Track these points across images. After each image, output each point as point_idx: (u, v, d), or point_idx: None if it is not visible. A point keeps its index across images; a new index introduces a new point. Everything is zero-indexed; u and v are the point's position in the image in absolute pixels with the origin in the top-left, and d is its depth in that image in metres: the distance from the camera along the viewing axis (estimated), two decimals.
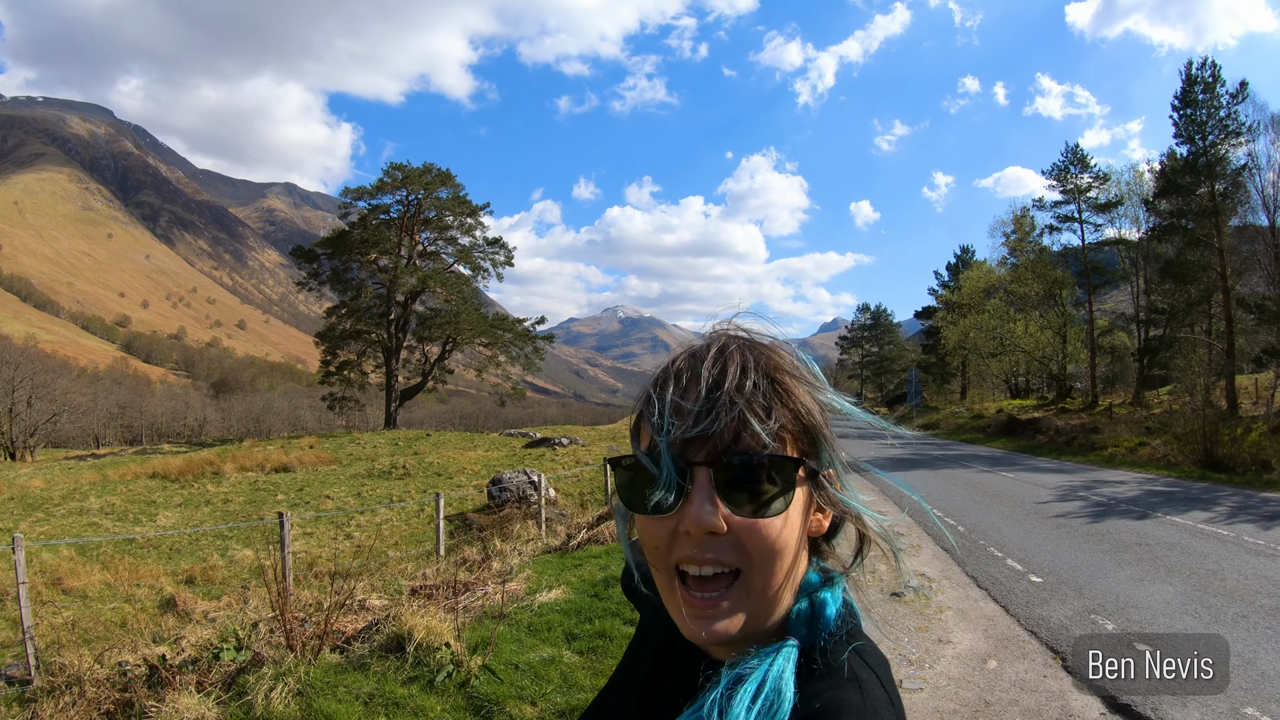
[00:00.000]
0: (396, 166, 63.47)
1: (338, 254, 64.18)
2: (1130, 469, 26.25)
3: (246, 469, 35.35)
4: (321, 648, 7.66)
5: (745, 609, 1.00)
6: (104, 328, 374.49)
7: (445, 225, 66.12)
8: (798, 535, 1.03)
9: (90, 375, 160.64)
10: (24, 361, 71.86)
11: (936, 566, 11.25)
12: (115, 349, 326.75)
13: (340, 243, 63.72)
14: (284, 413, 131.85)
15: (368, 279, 64.58)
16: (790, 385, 1.01)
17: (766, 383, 0.99)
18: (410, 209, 64.40)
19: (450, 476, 32.24)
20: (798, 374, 1.04)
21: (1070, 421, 40.89)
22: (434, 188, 63.53)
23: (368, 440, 48.39)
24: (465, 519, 21.96)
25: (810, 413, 1.01)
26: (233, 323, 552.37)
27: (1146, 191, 48.57)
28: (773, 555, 0.99)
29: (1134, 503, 17.47)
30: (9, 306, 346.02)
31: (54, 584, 17.31)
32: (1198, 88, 40.61)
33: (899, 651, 7.50)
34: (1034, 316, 57.98)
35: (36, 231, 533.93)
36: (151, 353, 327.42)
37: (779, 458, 0.98)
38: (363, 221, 64.01)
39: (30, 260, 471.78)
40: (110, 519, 25.63)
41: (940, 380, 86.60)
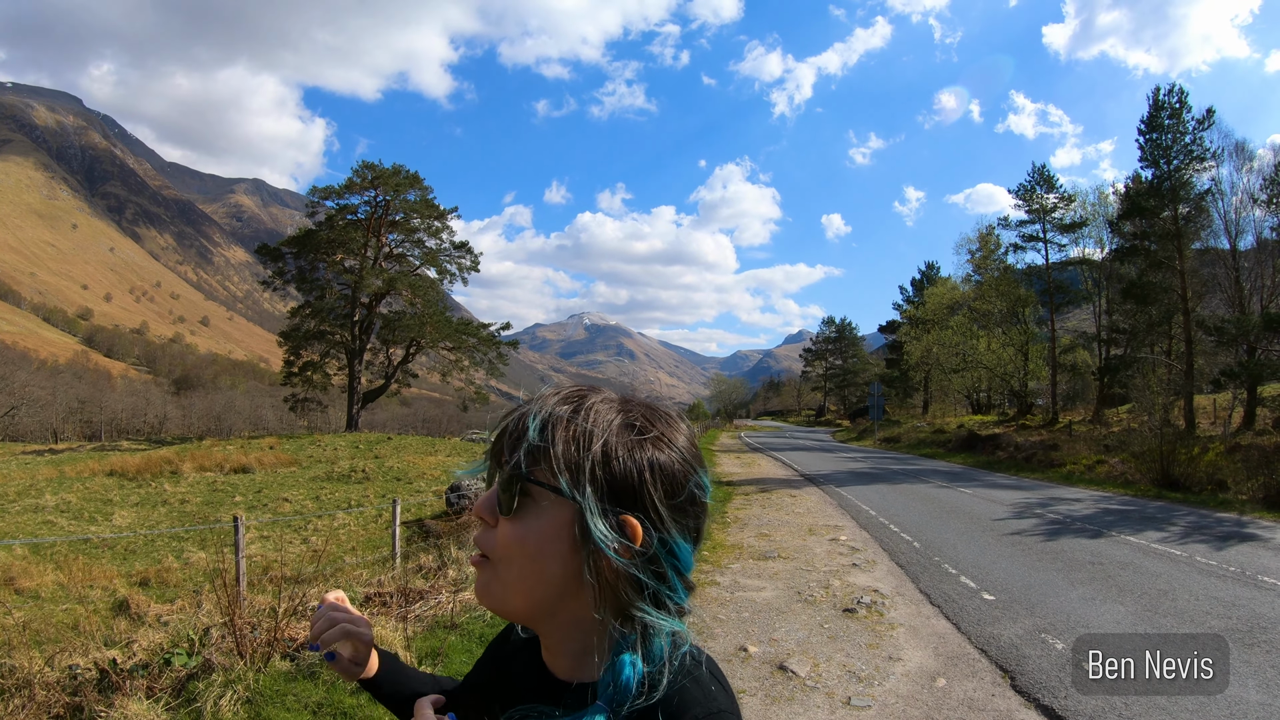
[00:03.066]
0: (366, 166, 63.14)
1: (304, 253, 63.67)
2: (1088, 487, 26.45)
3: (205, 469, 34.99)
4: (272, 655, 7.58)
5: (493, 593, 1.20)
6: (66, 320, 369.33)
7: (412, 228, 65.82)
8: (543, 552, 1.15)
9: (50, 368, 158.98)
10: None
11: (890, 583, 11.26)
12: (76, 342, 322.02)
13: (306, 242, 63.21)
14: (245, 411, 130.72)
15: (333, 279, 64.15)
16: (557, 435, 1.14)
17: (540, 417, 1.17)
18: (378, 210, 64.02)
19: (410, 481, 32.09)
20: (581, 425, 1.16)
21: (1030, 438, 41.18)
22: (403, 189, 63.23)
23: (329, 442, 47.98)
24: (423, 525, 21.83)
25: (564, 453, 1.13)
26: (196, 319, 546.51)
27: (1111, 213, 49.22)
28: (507, 553, 1.16)
29: (1089, 521, 17.58)
30: None
31: (6, 584, 17.04)
32: (1164, 113, 41.15)
33: (849, 668, 7.49)
34: (997, 333, 58.47)
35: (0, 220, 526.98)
36: (113, 347, 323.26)
37: (512, 464, 1.15)
38: (330, 221, 63.51)
39: None
40: (65, 517, 25.24)
41: (903, 394, 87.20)
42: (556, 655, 1.24)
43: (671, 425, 1.22)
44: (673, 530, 1.16)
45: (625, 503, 1.13)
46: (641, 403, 1.24)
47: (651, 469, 1.15)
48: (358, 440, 49.59)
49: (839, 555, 13.33)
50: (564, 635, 1.21)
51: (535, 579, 1.15)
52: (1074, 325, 63.23)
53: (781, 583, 11.21)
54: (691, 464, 1.20)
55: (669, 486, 1.16)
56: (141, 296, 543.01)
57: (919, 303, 74.53)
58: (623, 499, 1.13)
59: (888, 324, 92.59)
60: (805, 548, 14.03)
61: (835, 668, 7.51)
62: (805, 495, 23.00)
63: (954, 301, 65.16)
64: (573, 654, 1.22)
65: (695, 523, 1.20)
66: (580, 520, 1.12)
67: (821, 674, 7.33)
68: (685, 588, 1.21)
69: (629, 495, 1.13)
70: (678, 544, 1.17)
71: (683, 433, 1.22)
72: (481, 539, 1.21)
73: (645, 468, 1.14)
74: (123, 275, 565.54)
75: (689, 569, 1.20)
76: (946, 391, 69.82)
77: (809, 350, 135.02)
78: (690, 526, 1.19)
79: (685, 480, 1.18)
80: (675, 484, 1.17)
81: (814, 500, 21.74)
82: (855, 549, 13.90)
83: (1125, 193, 46.33)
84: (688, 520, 1.19)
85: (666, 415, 1.23)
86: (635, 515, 1.13)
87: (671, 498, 1.16)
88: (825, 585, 11.02)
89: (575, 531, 1.13)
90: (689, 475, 1.19)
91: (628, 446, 1.15)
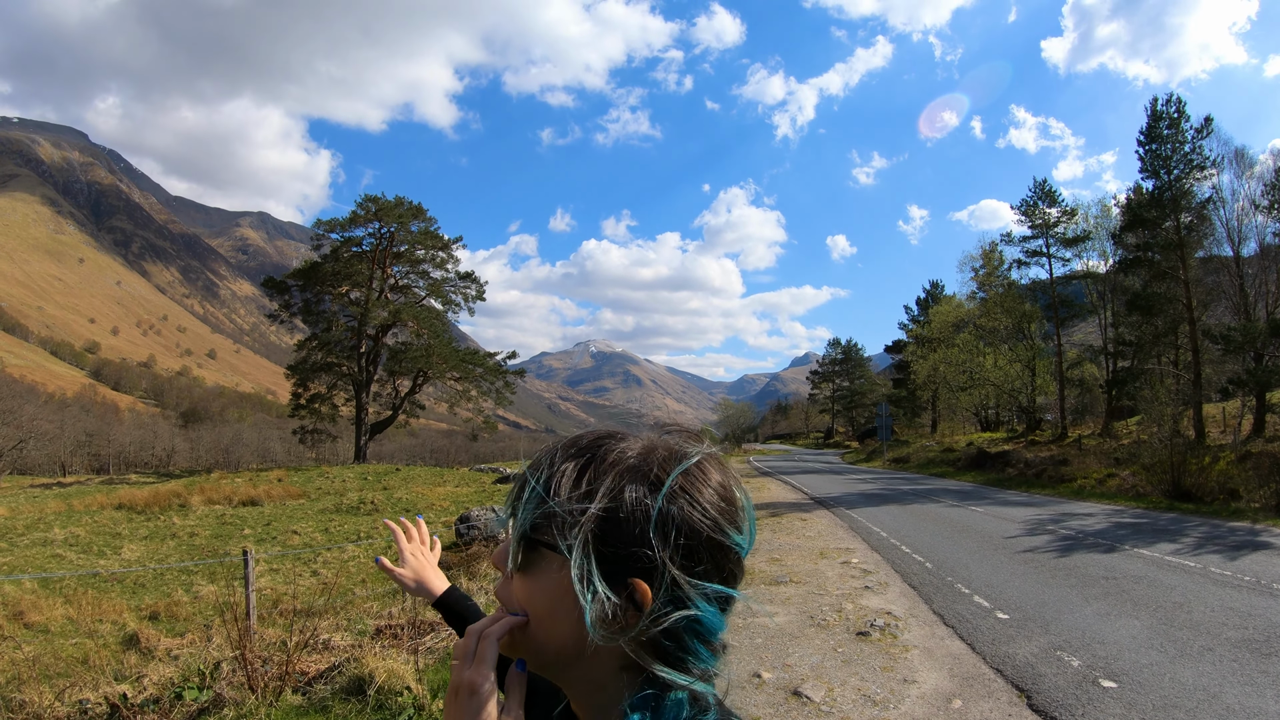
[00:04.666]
0: (370, 199, 63.58)
1: (309, 286, 64.02)
2: (1099, 501, 26.35)
3: (214, 501, 34.96)
4: (283, 689, 7.59)
5: (514, 642, 1.14)
6: (73, 353, 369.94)
7: (417, 259, 66.19)
8: (552, 612, 1.11)
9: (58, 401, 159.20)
10: None
11: (903, 604, 11.22)
12: (84, 375, 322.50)
13: (312, 274, 63.58)
14: (253, 444, 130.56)
15: (339, 312, 64.41)
16: (562, 492, 1.09)
17: (546, 472, 1.13)
18: (383, 242, 64.42)
19: (419, 513, 31.98)
20: (588, 482, 1.10)
21: (1040, 453, 41.05)
22: (406, 221, 63.61)
23: (337, 474, 48.00)
24: None
25: (564, 517, 1.08)
26: (203, 351, 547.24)
27: (1114, 225, 49.17)
28: (520, 608, 1.13)
29: (1102, 535, 17.52)
30: None
31: (15, 618, 17.04)
32: (1163, 124, 41.18)
33: (863, 692, 7.45)
34: (1003, 350, 58.44)
35: (7, 254, 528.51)
36: (120, 380, 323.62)
37: (521, 529, 1.12)
38: (335, 254, 63.96)
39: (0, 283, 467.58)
40: (74, 550, 25.25)
41: (911, 414, 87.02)
42: (579, 707, 1.17)
43: (695, 478, 1.10)
44: (691, 594, 1.06)
45: (632, 565, 1.05)
46: (665, 451, 1.13)
47: (664, 530, 1.06)
48: (366, 472, 49.62)
49: (851, 578, 13.26)
50: (580, 691, 1.15)
51: (546, 636, 1.11)
52: (1080, 339, 63.21)
53: (794, 607, 11.16)
54: (719, 521, 1.09)
55: (686, 548, 1.06)
56: (149, 330, 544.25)
57: (924, 322, 74.59)
58: (629, 562, 1.05)
59: (894, 344, 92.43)
60: (817, 571, 13.97)
61: (850, 692, 7.46)
62: (815, 518, 22.92)
63: (959, 319, 65.15)
64: (592, 708, 1.15)
65: (722, 582, 1.09)
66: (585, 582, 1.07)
67: (836, 699, 7.27)
68: (711, 651, 1.10)
69: (634, 558, 1.05)
70: (699, 607, 1.07)
71: (710, 484, 1.10)
72: (500, 591, 1.17)
73: (655, 528, 1.05)
74: (129, 309, 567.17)
75: (716, 632, 1.09)
76: (954, 410, 69.75)
77: (816, 372, 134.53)
78: (713, 589, 1.08)
79: (708, 540, 1.08)
80: (694, 544, 1.06)
81: (824, 523, 21.65)
82: (867, 571, 13.85)
83: (1127, 204, 46.25)
84: (710, 581, 1.07)
85: (692, 467, 1.11)
86: (643, 578, 1.05)
87: (689, 559, 1.06)
88: (838, 609, 10.96)
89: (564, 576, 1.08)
90: (714, 534, 1.08)
91: (637, 505, 1.06)
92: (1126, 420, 47.08)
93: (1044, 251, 54.04)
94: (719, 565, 1.09)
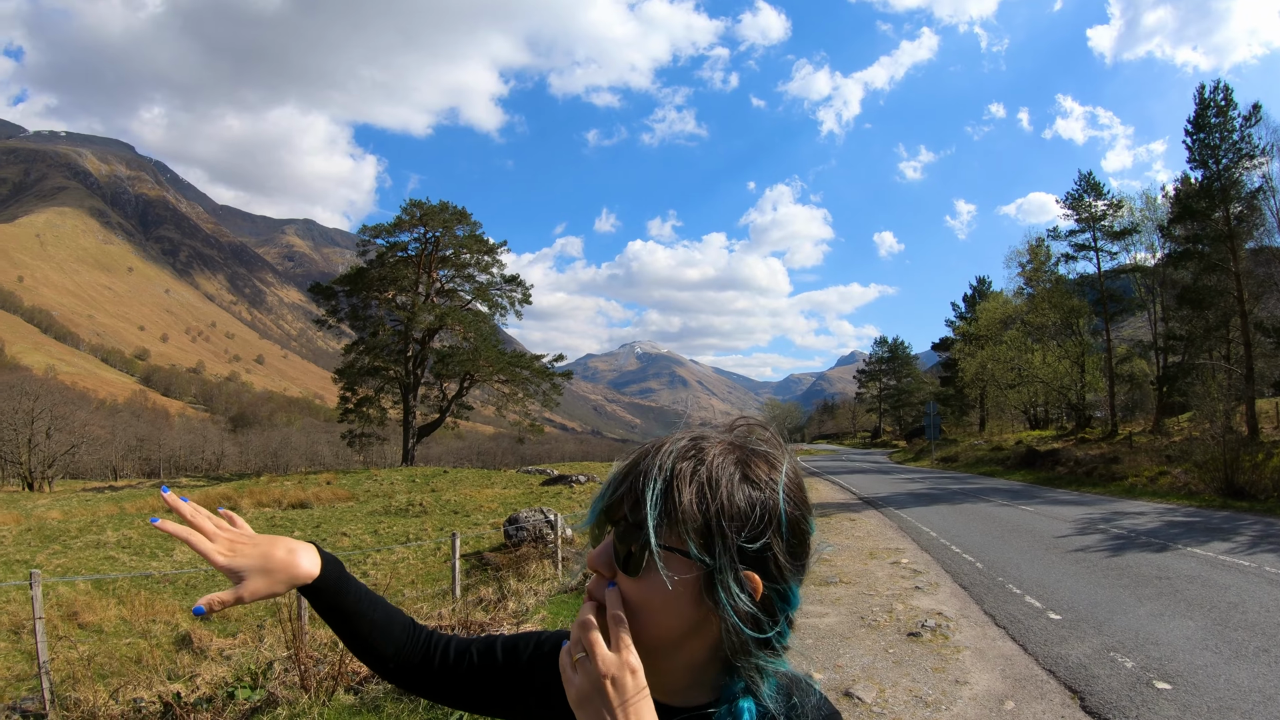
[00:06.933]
0: (414, 204, 64.17)
1: (356, 291, 64.87)
2: (1151, 499, 26.07)
3: (263, 504, 35.48)
4: (336, 688, 7.71)
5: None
6: (123, 360, 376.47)
7: (463, 263, 66.74)
8: (665, 610, 1.15)
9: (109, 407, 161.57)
10: (44, 393, 72.62)
11: (954, 605, 11.21)
12: (134, 381, 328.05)
13: (358, 280, 64.39)
14: (302, 448, 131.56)
15: (386, 316, 65.10)
16: (679, 487, 1.14)
17: (662, 478, 1.15)
18: (428, 246, 65.07)
19: (467, 514, 32.18)
20: (707, 485, 1.14)
21: (1090, 452, 40.54)
22: (451, 225, 64.19)
23: (385, 477, 48.43)
24: (481, 558, 21.88)
25: (690, 517, 1.13)
26: (251, 357, 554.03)
27: (1161, 217, 48.37)
28: (626, 606, 1.15)
29: (1154, 534, 17.37)
30: (30, 338, 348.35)
31: (70, 618, 17.40)
32: (1210, 111, 40.50)
33: (915, 693, 7.46)
34: (1051, 346, 57.72)
35: (58, 264, 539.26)
36: (170, 386, 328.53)
37: (635, 525, 1.15)
38: (381, 259, 64.69)
39: (51, 293, 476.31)
40: (127, 552, 25.67)
41: (959, 412, 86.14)
42: (657, 687, 1.19)
43: (778, 469, 1.20)
44: (790, 579, 1.18)
45: (749, 560, 1.14)
46: (749, 448, 1.21)
47: (776, 525, 1.15)
48: (414, 474, 50.00)
49: (901, 578, 13.27)
50: (672, 672, 1.21)
51: (652, 632, 1.15)
52: (1129, 334, 62.21)
53: (844, 608, 11.17)
54: (802, 509, 1.20)
55: (790, 538, 1.17)
56: (197, 337, 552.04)
57: (971, 318, 73.82)
58: (748, 557, 1.14)
59: (941, 341, 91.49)
60: (867, 572, 13.98)
61: (901, 693, 7.46)
62: (864, 518, 22.90)
63: (1007, 316, 64.46)
64: (678, 692, 1.23)
65: (805, 564, 1.21)
66: (707, 580, 1.13)
67: (888, 700, 7.28)
68: (790, 629, 1.21)
69: (754, 553, 1.14)
70: (792, 591, 1.19)
71: (789, 475, 1.20)
72: (597, 589, 1.19)
73: (770, 525, 1.15)
74: (178, 316, 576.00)
75: (796, 609, 1.21)
76: (1003, 408, 69.01)
77: (862, 371, 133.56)
78: (801, 570, 1.20)
79: (801, 528, 1.20)
80: (795, 535, 1.18)
81: (873, 523, 21.62)
82: (917, 571, 13.85)
83: (1175, 195, 45.49)
84: (800, 565, 1.20)
85: (774, 459, 1.21)
86: (757, 570, 1.14)
87: (792, 548, 1.18)
88: (888, 609, 10.98)
89: (699, 590, 1.13)
90: (802, 522, 1.20)
91: (751, 503, 1.15)
92: (1178, 417, 46.32)
93: (1091, 245, 53.31)
94: (806, 549, 1.22)
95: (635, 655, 1.11)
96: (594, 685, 1.09)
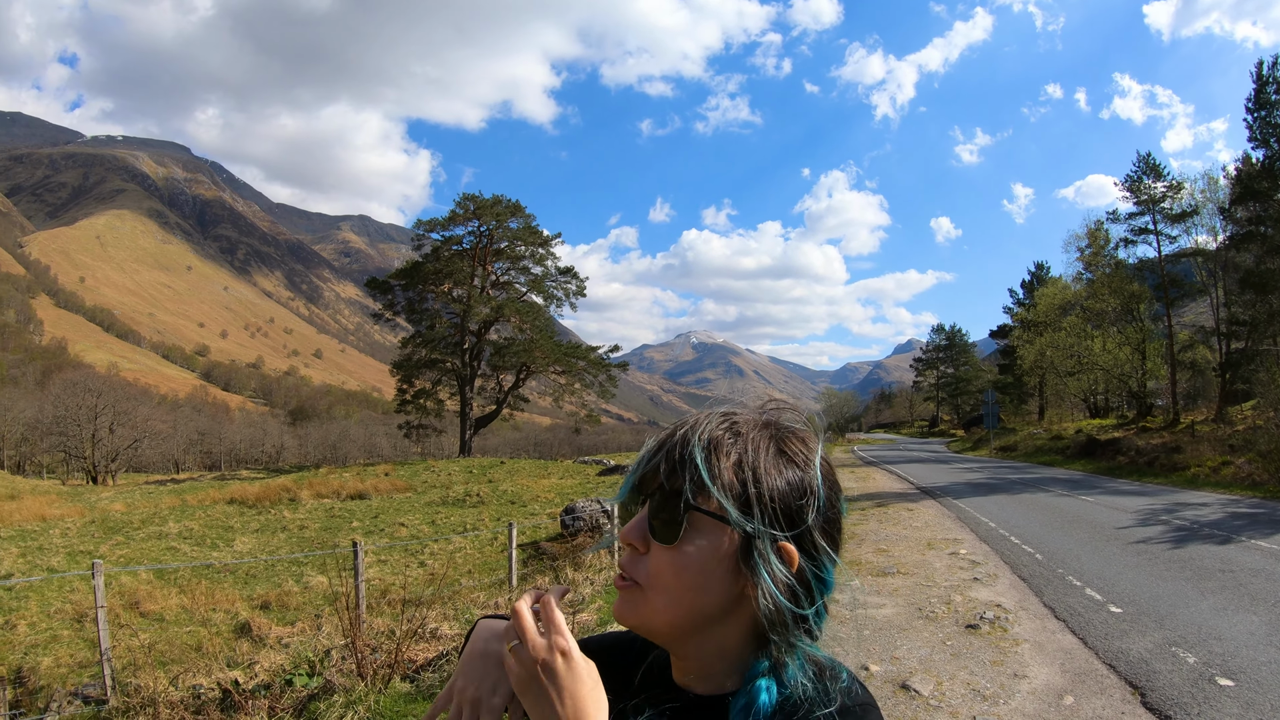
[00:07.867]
0: (468, 198, 64.79)
1: (412, 285, 65.49)
2: (1214, 490, 25.61)
3: (322, 496, 36.03)
4: (392, 676, 7.87)
5: (638, 613, 1.17)
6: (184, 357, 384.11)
7: (517, 255, 67.11)
8: (701, 581, 1.14)
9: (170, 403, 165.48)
10: (106, 389, 74.37)
11: (1013, 596, 11.14)
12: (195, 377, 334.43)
13: (414, 274, 65.04)
14: (360, 440, 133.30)
15: (442, 309, 65.72)
16: (718, 456, 1.15)
17: (700, 449, 1.15)
18: (482, 240, 65.56)
19: (524, 504, 32.46)
20: (745, 455, 1.16)
21: (1151, 441, 39.83)
22: (505, 218, 64.63)
23: (442, 468, 49.06)
24: (538, 547, 22.05)
25: (729, 484, 1.13)
26: (309, 352, 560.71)
27: (1222, 199, 47.28)
28: (661, 581, 1.15)
29: (1217, 526, 17.10)
30: (92, 336, 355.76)
31: (131, 606, 17.93)
32: (1270, 88, 39.50)
33: (973, 686, 7.46)
34: (1111, 333, 56.66)
35: (118, 264, 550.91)
36: (230, 381, 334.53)
37: (672, 492, 1.15)
38: (436, 253, 65.37)
39: (112, 292, 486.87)
40: (188, 543, 26.32)
41: (1017, 401, 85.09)
42: (689, 674, 1.23)
43: (811, 445, 1.22)
44: (824, 554, 1.17)
45: (786, 529, 1.14)
46: (783, 425, 1.24)
47: (812, 494, 1.17)
48: (471, 465, 50.53)
49: (959, 569, 13.21)
50: (704, 657, 1.20)
51: (688, 606, 1.15)
52: (1191, 320, 61.05)
53: (901, 599, 11.14)
54: (835, 485, 1.22)
55: (825, 515, 1.18)
56: (256, 333, 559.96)
57: (1030, 305, 72.75)
58: (784, 528, 1.14)
59: (999, 328, 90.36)
60: (924, 562, 13.94)
61: (959, 686, 7.44)
62: (922, 508, 22.76)
63: (1065, 301, 63.34)
64: (709, 675, 1.21)
65: (838, 545, 1.20)
66: (744, 549, 1.13)
67: (945, 693, 7.27)
68: (826, 613, 1.21)
69: (791, 522, 1.14)
70: (827, 568, 1.18)
71: (820, 452, 1.22)
72: (629, 565, 1.19)
73: (806, 500, 1.16)
74: (237, 313, 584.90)
75: (830, 593, 1.21)
76: (1062, 396, 67.99)
77: (919, 359, 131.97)
78: (834, 552, 1.19)
79: (835, 507, 1.21)
80: (830, 512, 1.19)
81: (931, 513, 21.50)
82: (975, 562, 13.77)
83: (1236, 176, 44.33)
84: (834, 545, 1.19)
85: (804, 435, 1.24)
86: (793, 542, 1.15)
87: (826, 521, 1.18)
88: (946, 601, 10.94)
89: (737, 560, 1.13)
90: (836, 501, 1.21)
91: (787, 477, 1.16)
92: (1241, 405, 45.29)
93: (1151, 229, 52.09)
94: (839, 530, 1.22)
95: (567, 638, 1.10)
96: (529, 672, 1.09)
